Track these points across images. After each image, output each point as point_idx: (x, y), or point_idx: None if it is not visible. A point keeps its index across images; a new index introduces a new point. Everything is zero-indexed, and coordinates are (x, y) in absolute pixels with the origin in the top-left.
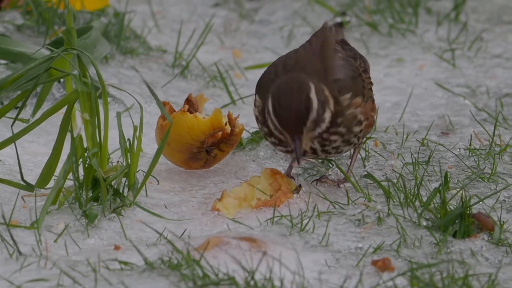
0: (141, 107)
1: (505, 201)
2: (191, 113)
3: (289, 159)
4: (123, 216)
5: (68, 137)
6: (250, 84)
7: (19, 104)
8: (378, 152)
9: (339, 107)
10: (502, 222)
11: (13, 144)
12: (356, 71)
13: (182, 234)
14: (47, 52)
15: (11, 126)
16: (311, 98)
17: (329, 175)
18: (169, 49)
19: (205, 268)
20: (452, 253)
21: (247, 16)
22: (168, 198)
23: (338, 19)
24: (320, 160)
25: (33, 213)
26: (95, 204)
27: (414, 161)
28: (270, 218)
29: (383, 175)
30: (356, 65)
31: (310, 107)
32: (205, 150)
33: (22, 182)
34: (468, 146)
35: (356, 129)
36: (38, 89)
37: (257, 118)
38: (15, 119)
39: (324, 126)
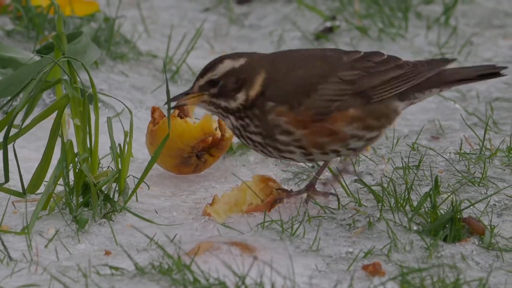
0: (131, 112)
1: (495, 205)
2: (181, 118)
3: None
4: (113, 221)
5: (58, 143)
6: None
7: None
8: (369, 157)
9: (259, 103)
10: (492, 226)
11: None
12: (324, 89)
13: (173, 239)
14: (37, 58)
15: (4, 136)
16: (224, 63)
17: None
18: (159, 54)
19: (195, 273)
20: (442, 257)
21: (237, 20)
22: (158, 203)
23: (328, 24)
24: (310, 165)
25: (23, 219)
26: (86, 209)
27: (404, 165)
28: (261, 223)
29: (373, 180)
30: (339, 87)
31: (214, 67)
32: (196, 155)
33: (12, 188)
34: (459, 151)
35: (283, 138)
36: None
37: None
38: (7, 125)
39: (231, 103)
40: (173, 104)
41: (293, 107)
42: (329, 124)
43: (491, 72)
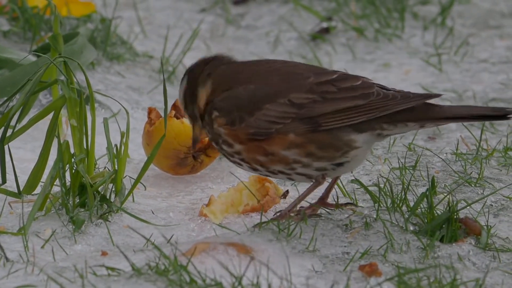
0: (127, 113)
1: (492, 205)
2: (178, 118)
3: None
4: (110, 222)
5: (55, 143)
6: None
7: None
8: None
9: (208, 110)
10: (489, 227)
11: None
12: (260, 103)
13: (169, 239)
14: (33, 59)
15: (1, 137)
16: (187, 75)
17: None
18: (156, 54)
19: (192, 274)
20: (439, 257)
21: (233, 21)
22: (155, 204)
23: (324, 24)
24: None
25: (20, 219)
26: (82, 210)
27: (401, 166)
28: (257, 224)
29: (370, 180)
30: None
31: (182, 82)
32: (192, 155)
33: (9, 188)
34: (455, 151)
35: (227, 149)
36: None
37: None
38: (3, 126)
39: (194, 110)
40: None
41: (234, 122)
42: (265, 144)
43: (492, 115)
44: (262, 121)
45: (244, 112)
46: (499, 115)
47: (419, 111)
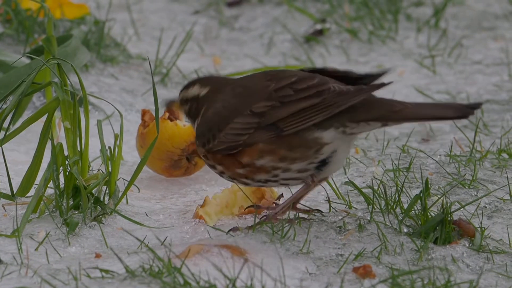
0: (121, 115)
1: (486, 207)
2: (171, 121)
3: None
4: (104, 224)
5: (48, 145)
6: None
7: None
8: (359, 159)
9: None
10: (483, 229)
11: None
12: (222, 123)
13: (163, 241)
14: (27, 61)
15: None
16: (194, 87)
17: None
18: (150, 57)
19: (186, 276)
20: (433, 259)
21: (227, 23)
22: (149, 206)
23: (318, 26)
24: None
25: (14, 222)
26: (76, 212)
27: (394, 167)
28: (252, 226)
29: (364, 182)
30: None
31: (188, 88)
32: (186, 157)
33: (2, 191)
34: (449, 153)
35: (214, 171)
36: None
37: None
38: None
39: (194, 125)
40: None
41: (209, 142)
42: (238, 157)
43: (452, 116)
44: (230, 135)
45: (215, 130)
46: (461, 116)
47: (380, 110)
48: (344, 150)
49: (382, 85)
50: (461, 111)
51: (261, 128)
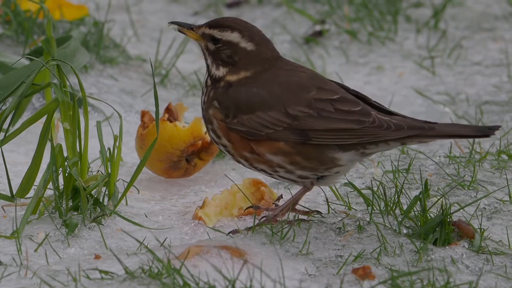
0: (120, 116)
1: (485, 208)
2: (171, 122)
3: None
4: (103, 225)
5: (48, 147)
6: None
7: None
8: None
9: (219, 90)
10: (482, 230)
11: None
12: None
13: (163, 243)
14: (26, 62)
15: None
16: (233, 34)
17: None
18: (149, 58)
19: (185, 277)
20: (432, 261)
21: None
22: (148, 207)
23: (318, 27)
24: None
25: (13, 223)
26: (75, 213)
27: (394, 169)
28: (251, 227)
29: (363, 183)
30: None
31: (223, 29)
32: (185, 159)
33: (2, 192)
34: (448, 154)
35: (215, 138)
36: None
37: None
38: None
39: (213, 68)
40: (174, 26)
41: (228, 116)
42: (254, 144)
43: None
44: (255, 122)
45: (242, 110)
46: (480, 135)
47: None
48: (350, 167)
49: (422, 128)
50: (483, 130)
51: (290, 129)
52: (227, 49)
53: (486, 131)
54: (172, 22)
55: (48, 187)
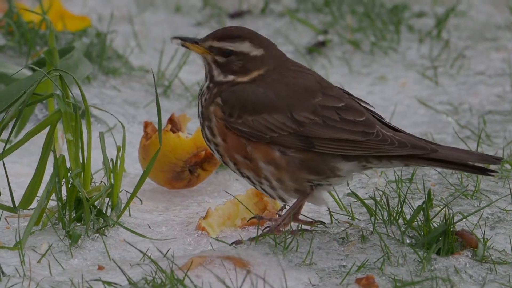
0: (123, 127)
1: (488, 218)
2: (174, 132)
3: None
4: (106, 236)
5: (51, 158)
6: None
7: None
8: None
9: (223, 87)
10: (485, 239)
11: None
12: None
13: (166, 253)
14: (29, 73)
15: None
16: (244, 43)
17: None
18: (152, 69)
19: None
20: (436, 270)
21: None
22: (151, 218)
23: (320, 38)
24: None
25: (16, 234)
26: (79, 224)
27: (397, 179)
28: (254, 237)
29: (366, 193)
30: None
31: (234, 40)
32: (188, 169)
33: (5, 203)
34: None
35: (209, 135)
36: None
37: None
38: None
39: (219, 76)
40: (177, 41)
41: (232, 115)
42: (250, 148)
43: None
44: (260, 124)
45: (247, 110)
46: (483, 169)
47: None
48: (343, 181)
49: (425, 149)
50: (488, 159)
51: (295, 135)
52: (239, 60)
53: (491, 160)
54: (175, 37)
55: (51, 198)
